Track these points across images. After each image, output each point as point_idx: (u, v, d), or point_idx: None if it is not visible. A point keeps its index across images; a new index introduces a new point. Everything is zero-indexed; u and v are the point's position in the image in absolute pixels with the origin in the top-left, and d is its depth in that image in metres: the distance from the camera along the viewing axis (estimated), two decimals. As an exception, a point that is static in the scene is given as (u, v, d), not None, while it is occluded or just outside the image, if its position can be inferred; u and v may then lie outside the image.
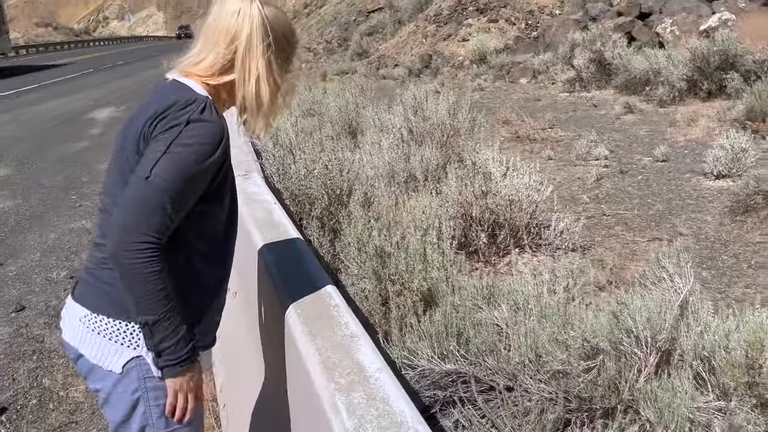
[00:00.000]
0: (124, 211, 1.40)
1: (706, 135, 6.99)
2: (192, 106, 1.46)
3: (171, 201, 1.40)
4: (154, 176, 1.38)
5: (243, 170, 3.69)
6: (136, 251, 1.36)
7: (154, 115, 1.46)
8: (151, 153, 1.42)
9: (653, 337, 2.18)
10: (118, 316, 1.51)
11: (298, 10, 62.28)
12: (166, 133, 1.42)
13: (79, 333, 1.55)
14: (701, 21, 11.03)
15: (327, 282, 2.04)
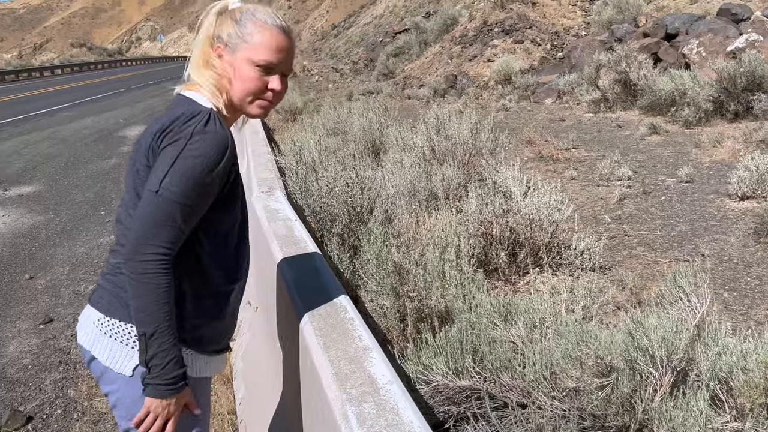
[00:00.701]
0: (138, 224, 1.44)
1: (731, 156, 6.92)
2: (196, 118, 1.48)
3: (181, 213, 1.44)
4: (163, 190, 1.42)
5: (266, 187, 3.77)
6: (148, 262, 1.41)
7: (160, 129, 1.49)
8: (160, 166, 1.45)
9: (669, 357, 2.18)
10: (130, 319, 1.52)
11: (327, 31, 62.99)
12: (172, 146, 1.45)
13: (92, 336, 1.58)
14: (728, 42, 10.95)
15: (343, 296, 2.09)
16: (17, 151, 11.69)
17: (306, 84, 24.25)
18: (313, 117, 9.56)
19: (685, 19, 12.61)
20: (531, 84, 14.36)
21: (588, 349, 2.10)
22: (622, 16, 16.18)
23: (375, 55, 27.69)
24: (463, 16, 22.60)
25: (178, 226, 1.45)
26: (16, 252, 6.02)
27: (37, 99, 23.50)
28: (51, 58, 78.20)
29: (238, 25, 1.57)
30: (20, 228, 6.81)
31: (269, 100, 1.62)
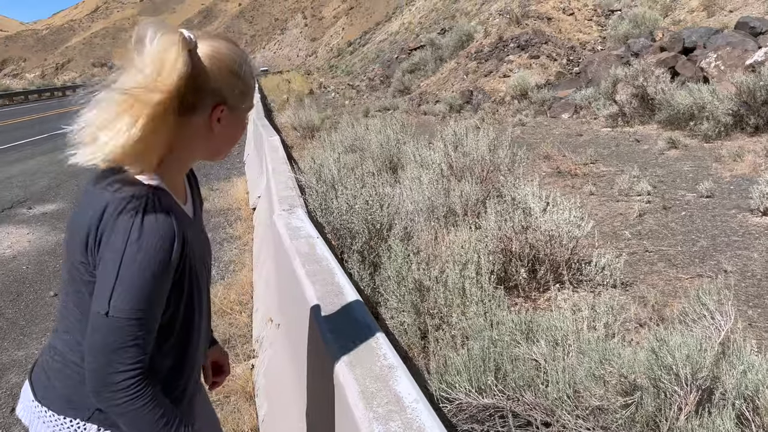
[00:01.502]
0: (94, 354, 1.25)
1: (752, 170, 6.87)
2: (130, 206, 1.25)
3: (139, 327, 1.24)
4: (114, 310, 1.22)
5: (287, 205, 3.81)
6: (120, 391, 1.24)
7: (91, 225, 1.28)
8: (102, 280, 1.24)
9: (693, 375, 2.16)
10: (62, 411, 1.39)
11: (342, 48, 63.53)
12: (109, 251, 1.24)
13: (28, 415, 1.46)
14: (747, 55, 10.89)
15: (366, 314, 2.11)
16: (41, 170, 11.91)
17: (323, 101, 24.46)
18: (331, 134, 9.64)
19: (702, 33, 12.57)
20: (547, 99, 14.36)
21: (611, 368, 2.09)
22: (638, 31, 16.17)
23: (391, 72, 27.88)
24: (479, 32, 22.70)
25: (143, 340, 1.25)
26: (41, 269, 6.12)
27: (59, 118, 23.92)
28: (73, 77, 79.62)
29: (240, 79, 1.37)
30: (45, 245, 6.92)
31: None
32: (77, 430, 1.38)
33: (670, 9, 18.77)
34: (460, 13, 34.73)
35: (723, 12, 16.53)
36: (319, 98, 25.97)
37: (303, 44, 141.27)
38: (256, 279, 5.20)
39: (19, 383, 3.90)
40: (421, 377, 2.56)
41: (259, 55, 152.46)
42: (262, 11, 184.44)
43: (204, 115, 1.35)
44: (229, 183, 9.71)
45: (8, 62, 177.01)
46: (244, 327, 4.39)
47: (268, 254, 4.71)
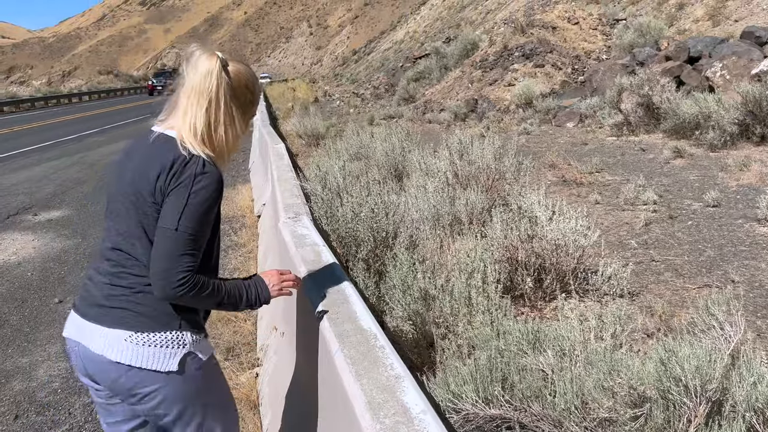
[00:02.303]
0: (163, 258, 1.72)
1: (759, 180, 6.84)
2: (195, 159, 1.79)
3: (196, 241, 1.75)
4: (181, 226, 1.72)
5: (293, 213, 3.80)
6: (181, 286, 1.72)
7: (162, 171, 1.77)
8: (173, 206, 1.74)
9: (703, 386, 2.14)
10: (161, 329, 1.82)
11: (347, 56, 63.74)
12: (180, 188, 1.75)
13: (130, 351, 1.80)
14: (752, 65, 10.87)
15: (372, 323, 2.09)
16: (47, 176, 11.95)
17: (327, 109, 24.51)
18: (336, 142, 9.65)
19: (707, 42, 12.57)
20: (552, 108, 14.36)
21: (620, 379, 2.07)
22: (643, 40, 16.18)
23: (395, 80, 27.95)
24: (483, 40, 22.76)
25: (196, 251, 1.76)
26: (45, 276, 6.12)
27: (65, 125, 24.04)
28: (79, 84, 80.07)
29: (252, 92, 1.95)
30: (50, 252, 6.93)
31: None
32: (178, 338, 1.84)
33: (676, 18, 18.79)
34: (465, 21, 34.85)
35: (728, 21, 16.54)
36: (324, 106, 26.04)
37: (308, 52, 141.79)
38: (261, 287, 5.19)
39: (23, 390, 3.89)
40: (426, 387, 2.54)
41: (265, 64, 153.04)
42: (268, 20, 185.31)
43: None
44: (234, 190, 9.71)
45: (15, 69, 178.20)
46: (249, 335, 4.38)
47: (274, 262, 4.70)
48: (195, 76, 1.83)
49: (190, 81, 1.84)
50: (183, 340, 1.85)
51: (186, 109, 1.84)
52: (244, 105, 1.93)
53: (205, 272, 1.85)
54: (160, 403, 1.85)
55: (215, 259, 1.97)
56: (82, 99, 46.59)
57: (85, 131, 20.78)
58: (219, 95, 1.84)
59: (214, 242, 1.94)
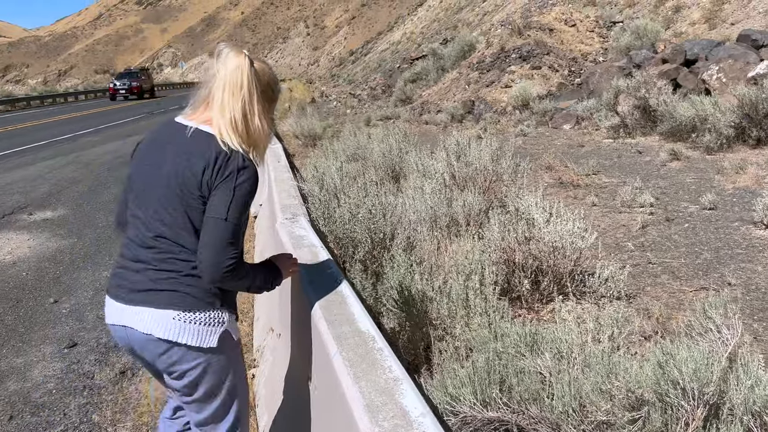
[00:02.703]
0: (215, 246, 1.89)
1: (755, 183, 6.86)
2: (235, 155, 1.93)
3: (239, 230, 1.94)
4: (230, 216, 1.88)
5: (290, 214, 3.79)
6: (229, 272, 1.89)
7: (206, 166, 1.91)
8: (221, 198, 1.89)
9: (700, 390, 2.14)
10: (204, 308, 2.00)
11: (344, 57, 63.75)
12: (226, 181, 1.90)
13: (176, 328, 1.98)
14: (749, 68, 10.91)
15: (371, 325, 2.08)
16: (42, 176, 11.90)
17: (324, 110, 24.50)
18: (333, 142, 9.64)
19: (704, 45, 12.60)
20: (549, 110, 14.38)
21: (618, 382, 2.07)
22: (640, 42, 16.21)
23: (392, 81, 27.95)
24: (480, 42, 22.78)
25: (239, 239, 1.94)
26: (40, 276, 6.10)
27: (61, 124, 23.97)
28: (75, 84, 79.89)
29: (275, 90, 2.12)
30: (45, 252, 6.90)
31: None
32: (218, 316, 2.03)
33: (672, 21, 18.84)
34: (462, 23, 34.88)
35: (725, 24, 16.59)
36: (320, 107, 26.03)
37: (305, 53, 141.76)
38: (257, 287, 5.17)
39: (17, 390, 3.87)
40: (424, 390, 2.53)
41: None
42: (265, 20, 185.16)
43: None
44: (231, 191, 9.70)
45: (11, 68, 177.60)
46: (245, 336, 4.36)
47: (270, 263, 4.70)
48: (226, 72, 1.96)
49: (221, 76, 1.97)
50: (222, 318, 2.04)
51: (223, 103, 1.96)
52: (270, 100, 2.09)
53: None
54: (195, 379, 2.05)
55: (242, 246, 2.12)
56: (78, 98, 46.47)
57: (80, 131, 20.72)
58: (251, 88, 1.98)
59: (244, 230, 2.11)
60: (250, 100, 1.97)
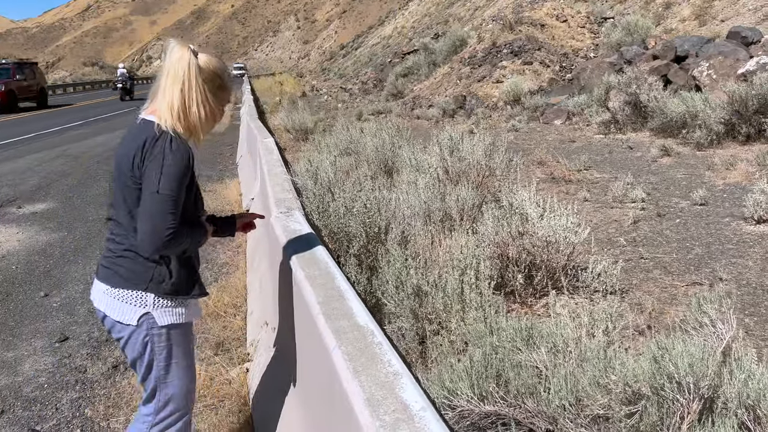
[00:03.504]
0: (148, 218, 2.03)
1: (745, 179, 6.91)
2: (162, 137, 2.07)
3: (174, 201, 2.04)
4: (161, 188, 2.02)
5: (284, 207, 3.77)
6: (168, 240, 2.03)
7: (139, 148, 2.07)
8: (151, 174, 2.03)
9: (696, 384, 2.16)
10: (129, 287, 2.18)
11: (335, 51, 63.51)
12: (154, 160, 2.04)
13: (104, 301, 2.23)
14: (738, 65, 10.97)
15: (369, 320, 2.08)
16: (30, 169, 11.79)
17: (315, 104, 24.43)
18: (325, 137, 9.61)
19: (694, 42, 12.66)
20: (540, 105, 14.40)
21: (615, 376, 2.08)
22: (630, 38, 16.26)
23: (384, 75, 27.89)
24: (472, 37, 22.77)
25: (176, 209, 2.05)
26: (30, 269, 6.05)
27: (49, 117, 23.75)
28: (63, 76, 79.12)
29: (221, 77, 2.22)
30: (35, 246, 6.84)
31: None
32: (140, 297, 2.18)
33: (663, 17, 18.91)
34: (454, 18, 34.84)
35: (715, 21, 16.67)
36: (311, 101, 25.94)
37: (295, 47, 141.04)
38: (250, 281, 5.16)
39: (8, 385, 3.84)
40: (421, 383, 2.53)
41: (252, 57, 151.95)
42: (255, 13, 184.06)
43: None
44: (222, 184, 9.66)
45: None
46: (239, 330, 4.35)
47: (263, 257, 4.68)
48: (170, 62, 2.11)
49: (166, 66, 2.13)
50: (145, 300, 2.18)
51: (165, 90, 2.12)
52: (216, 89, 2.19)
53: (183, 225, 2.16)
54: (124, 348, 2.28)
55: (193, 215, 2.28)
56: (67, 90, 46.07)
57: (69, 123, 20.54)
58: (191, 77, 2.10)
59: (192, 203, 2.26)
60: (189, 88, 2.10)
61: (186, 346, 2.33)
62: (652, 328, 3.68)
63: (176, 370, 2.29)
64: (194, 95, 2.11)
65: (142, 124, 2.16)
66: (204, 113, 2.14)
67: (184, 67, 2.09)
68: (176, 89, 2.10)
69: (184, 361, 2.32)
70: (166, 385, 2.29)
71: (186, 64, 2.09)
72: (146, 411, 2.34)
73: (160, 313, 2.20)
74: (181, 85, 2.10)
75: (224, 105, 2.28)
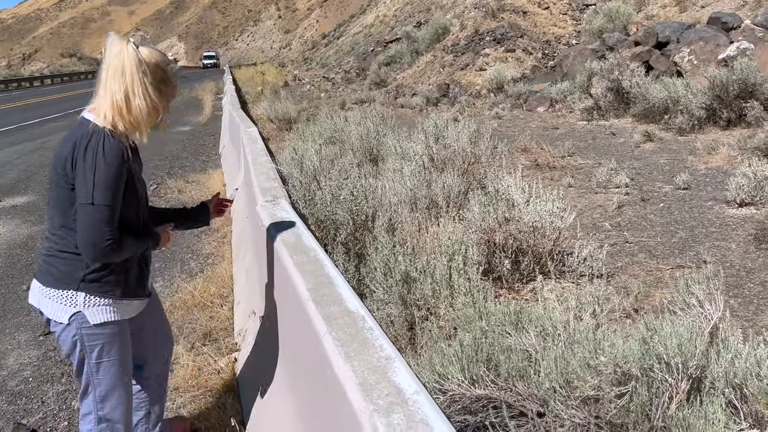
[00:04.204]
0: (86, 230, 2.03)
1: (727, 163, 6.98)
2: (94, 138, 2.02)
3: (111, 209, 2.03)
4: (95, 200, 2.00)
5: (270, 196, 3.74)
6: (109, 250, 2.05)
7: (71, 149, 2.04)
8: (84, 181, 2.00)
9: (684, 364, 2.18)
10: (60, 287, 2.19)
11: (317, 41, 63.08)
12: (87, 164, 2.00)
13: (37, 298, 2.27)
14: (719, 50, 11.06)
15: (359, 305, 2.07)
16: (10, 162, 11.61)
17: (298, 93, 24.26)
18: (309, 126, 9.55)
19: (675, 28, 12.73)
20: (523, 92, 14.43)
21: (605, 357, 2.09)
22: (612, 25, 16.31)
23: (366, 64, 27.77)
24: (454, 25, 22.71)
25: (113, 217, 2.05)
26: (12, 263, 5.96)
27: (27, 109, 23.38)
28: (41, 68, 77.94)
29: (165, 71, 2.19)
30: (16, 238, 6.74)
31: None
32: (71, 297, 2.19)
33: (644, 4, 18.97)
34: (436, 5, 34.71)
35: (695, 7, 16.76)
36: (294, 90, 25.77)
37: (277, 36, 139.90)
38: (237, 271, 5.12)
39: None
40: (412, 368, 2.53)
41: (232, 47, 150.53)
42: (235, 2, 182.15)
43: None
44: (206, 175, 9.57)
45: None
46: (226, 320, 4.33)
47: (249, 246, 4.64)
48: (110, 57, 2.08)
49: (106, 61, 2.10)
50: (75, 300, 2.19)
51: (105, 86, 2.09)
52: (158, 81, 2.15)
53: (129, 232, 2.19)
54: (60, 345, 2.31)
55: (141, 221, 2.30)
56: (45, 82, 45.39)
57: (48, 115, 20.24)
58: (132, 70, 2.07)
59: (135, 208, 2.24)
60: (132, 81, 2.07)
61: (120, 344, 2.32)
62: (639, 311, 3.71)
63: (108, 367, 2.30)
64: (136, 89, 2.07)
65: (81, 122, 2.13)
66: (146, 107, 2.10)
67: (123, 61, 2.06)
68: (117, 83, 2.07)
69: (119, 359, 2.32)
70: (100, 383, 2.31)
71: (126, 57, 2.06)
72: (85, 409, 2.38)
73: (92, 311, 2.21)
74: (121, 78, 2.06)
75: (169, 99, 2.25)
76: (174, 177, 9.62)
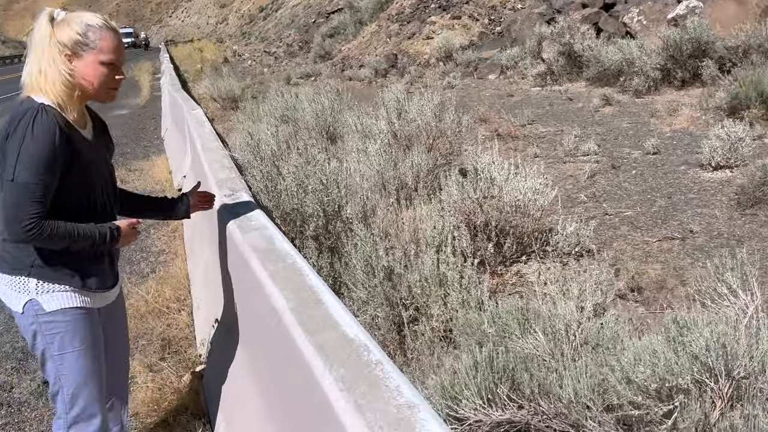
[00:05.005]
0: (7, 207, 1.87)
1: (691, 124, 6.86)
2: (27, 115, 1.89)
3: (35, 189, 1.87)
4: (17, 177, 1.85)
5: (228, 189, 3.31)
6: (27, 231, 1.88)
7: (6, 127, 1.90)
8: (9, 158, 1.86)
9: (726, 365, 1.91)
10: (11, 273, 2.05)
11: (254, 14, 61.27)
12: (11, 142, 1.86)
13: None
14: (668, 10, 10.97)
15: (360, 331, 1.71)
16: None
17: (239, 69, 23.34)
18: (258, 104, 9.02)
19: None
20: (472, 60, 14.14)
21: (643, 368, 1.80)
22: (558, -13, 16.11)
23: (309, 37, 26.98)
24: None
25: (39, 197, 1.88)
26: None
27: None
28: (-42, 52, 73.20)
29: (81, 35, 1.97)
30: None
31: (116, 87, 2.10)
32: (22, 283, 2.05)
33: (587, -35, 18.83)
34: (376, -26, 33.95)
35: (638, -33, 16.70)
36: (235, 67, 24.79)
37: (212, 11, 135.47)
38: (192, 269, 4.69)
39: None
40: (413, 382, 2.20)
41: (167, 24, 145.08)
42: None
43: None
44: (149, 162, 8.95)
45: None
46: (186, 328, 3.91)
47: (204, 243, 4.21)
48: (33, 34, 2.01)
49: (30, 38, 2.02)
50: (27, 286, 2.04)
51: (30, 62, 1.99)
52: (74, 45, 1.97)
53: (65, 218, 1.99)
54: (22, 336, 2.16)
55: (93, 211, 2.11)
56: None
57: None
58: (43, 41, 1.96)
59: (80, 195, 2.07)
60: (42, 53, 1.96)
61: (85, 334, 2.14)
62: (634, 291, 3.49)
63: (73, 361, 2.12)
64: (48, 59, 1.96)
65: (20, 101, 2.02)
66: (62, 77, 1.96)
67: (37, 35, 1.98)
68: (34, 56, 1.98)
69: (84, 350, 2.14)
70: (66, 378, 2.14)
71: (40, 30, 1.98)
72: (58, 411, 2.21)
73: (46, 298, 2.06)
74: (37, 51, 1.98)
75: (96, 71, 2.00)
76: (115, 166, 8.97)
